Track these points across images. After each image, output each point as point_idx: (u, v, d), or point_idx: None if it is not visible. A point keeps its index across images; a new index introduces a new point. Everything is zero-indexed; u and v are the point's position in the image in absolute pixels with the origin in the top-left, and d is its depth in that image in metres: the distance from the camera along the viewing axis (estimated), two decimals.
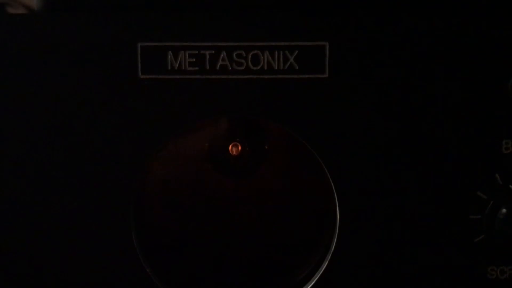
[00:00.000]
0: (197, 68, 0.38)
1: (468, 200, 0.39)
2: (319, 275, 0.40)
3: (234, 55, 0.38)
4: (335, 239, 0.40)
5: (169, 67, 0.38)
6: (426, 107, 0.38)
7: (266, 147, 0.43)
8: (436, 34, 0.38)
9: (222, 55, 0.38)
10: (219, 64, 0.38)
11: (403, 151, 0.39)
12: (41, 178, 0.39)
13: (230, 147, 0.42)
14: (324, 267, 0.40)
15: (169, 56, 0.38)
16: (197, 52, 0.38)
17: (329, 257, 0.40)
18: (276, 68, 0.38)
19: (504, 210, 0.39)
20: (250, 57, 0.38)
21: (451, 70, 0.38)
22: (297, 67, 0.38)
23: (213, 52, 0.38)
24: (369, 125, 0.38)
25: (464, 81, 0.38)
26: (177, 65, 0.38)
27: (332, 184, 0.39)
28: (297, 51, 0.38)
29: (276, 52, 0.38)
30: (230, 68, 0.38)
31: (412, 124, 0.38)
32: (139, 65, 0.38)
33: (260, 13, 0.37)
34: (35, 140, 0.39)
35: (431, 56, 0.38)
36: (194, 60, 0.38)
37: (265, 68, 0.38)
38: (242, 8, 0.38)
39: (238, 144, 0.42)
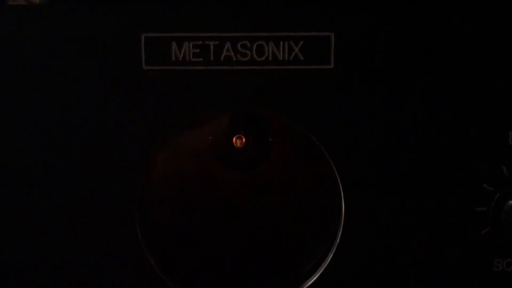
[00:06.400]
0: (201, 59, 0.37)
1: (474, 193, 0.39)
2: (324, 268, 0.40)
3: (239, 45, 0.37)
4: (340, 232, 0.40)
5: (173, 58, 0.37)
6: (432, 98, 0.38)
7: (270, 139, 0.43)
8: (442, 24, 0.37)
9: (226, 46, 0.37)
10: (223, 55, 0.38)
11: (408, 143, 0.39)
12: (44, 172, 0.39)
13: (234, 139, 0.42)
14: (329, 260, 0.40)
15: (173, 47, 0.37)
16: (201, 42, 0.37)
17: (334, 250, 0.40)
18: (281, 59, 0.38)
19: (510, 202, 0.39)
20: (254, 47, 0.38)
21: (457, 61, 0.38)
22: (302, 58, 0.38)
23: (218, 43, 0.37)
24: (374, 117, 0.38)
25: (470, 72, 0.38)
26: (181, 56, 0.37)
27: (337, 176, 0.39)
28: (302, 42, 0.37)
29: (281, 43, 0.37)
30: (234, 59, 0.38)
31: (418, 116, 0.38)
32: (143, 56, 0.37)
33: (265, 3, 0.37)
34: (37, 133, 0.38)
35: (437, 47, 0.38)
36: (198, 51, 0.37)
37: (270, 59, 0.38)
38: None
39: (242, 137, 0.42)
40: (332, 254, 0.40)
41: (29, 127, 0.38)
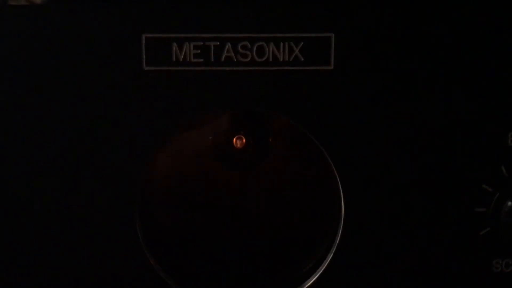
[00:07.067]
0: (202, 60, 0.37)
1: (474, 193, 0.39)
2: (323, 268, 0.40)
3: (239, 46, 0.37)
4: (340, 232, 0.40)
5: (174, 59, 0.37)
6: (432, 99, 0.38)
7: (271, 139, 0.43)
8: (442, 27, 0.37)
9: (227, 47, 0.37)
10: (224, 56, 0.38)
11: (408, 143, 0.39)
12: (44, 172, 0.39)
13: (234, 140, 0.42)
14: (328, 260, 0.40)
15: (174, 48, 0.37)
16: (202, 43, 0.37)
17: (333, 250, 0.40)
18: (281, 59, 0.38)
19: (509, 203, 0.39)
20: (255, 48, 0.38)
21: (457, 62, 0.38)
22: (302, 59, 0.38)
23: (218, 43, 0.37)
24: (374, 118, 0.38)
25: (470, 73, 0.38)
26: (182, 56, 0.37)
27: (337, 176, 0.39)
28: (302, 43, 0.37)
29: (281, 44, 0.37)
30: (235, 60, 0.38)
31: (418, 116, 0.38)
32: (144, 56, 0.37)
33: (265, 4, 0.37)
34: (37, 133, 0.38)
35: (437, 49, 0.38)
36: (199, 51, 0.37)
37: (270, 59, 0.38)
38: None
39: (242, 137, 0.42)
40: (332, 254, 0.40)
41: (29, 127, 0.38)
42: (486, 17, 0.38)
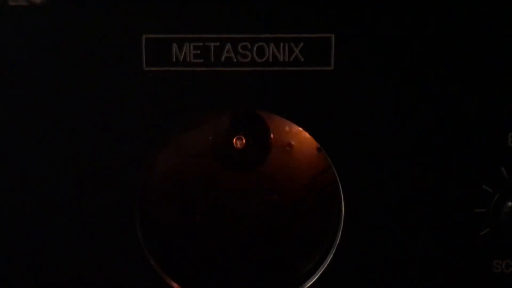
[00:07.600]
0: (202, 60, 0.38)
1: (474, 194, 0.39)
2: (323, 269, 0.40)
3: (239, 47, 0.37)
4: (340, 233, 0.40)
5: (174, 59, 0.37)
6: (431, 100, 0.38)
7: (270, 139, 0.43)
8: (442, 27, 0.37)
9: (227, 47, 0.37)
10: (224, 56, 0.38)
11: (408, 144, 0.39)
12: (44, 172, 0.39)
13: (234, 140, 0.42)
14: (328, 261, 0.40)
15: (174, 48, 0.37)
16: (202, 44, 0.37)
17: (334, 250, 0.40)
18: (281, 60, 0.38)
19: (509, 204, 0.39)
20: (255, 49, 0.38)
21: (457, 63, 0.38)
22: (302, 59, 0.38)
23: (218, 44, 0.37)
24: (374, 118, 0.38)
25: (470, 74, 0.38)
26: (182, 57, 0.37)
27: (337, 177, 0.39)
28: (302, 43, 0.37)
29: (282, 44, 0.37)
30: (235, 60, 0.38)
31: (418, 117, 0.38)
32: (144, 57, 0.37)
33: (265, 5, 0.37)
34: (37, 133, 0.38)
35: (437, 49, 0.38)
36: (199, 52, 0.37)
37: (270, 60, 0.38)
38: (248, 0, 0.38)
39: (243, 138, 0.42)
40: (332, 254, 0.40)
41: (29, 127, 0.38)
42: (486, 17, 0.37)
